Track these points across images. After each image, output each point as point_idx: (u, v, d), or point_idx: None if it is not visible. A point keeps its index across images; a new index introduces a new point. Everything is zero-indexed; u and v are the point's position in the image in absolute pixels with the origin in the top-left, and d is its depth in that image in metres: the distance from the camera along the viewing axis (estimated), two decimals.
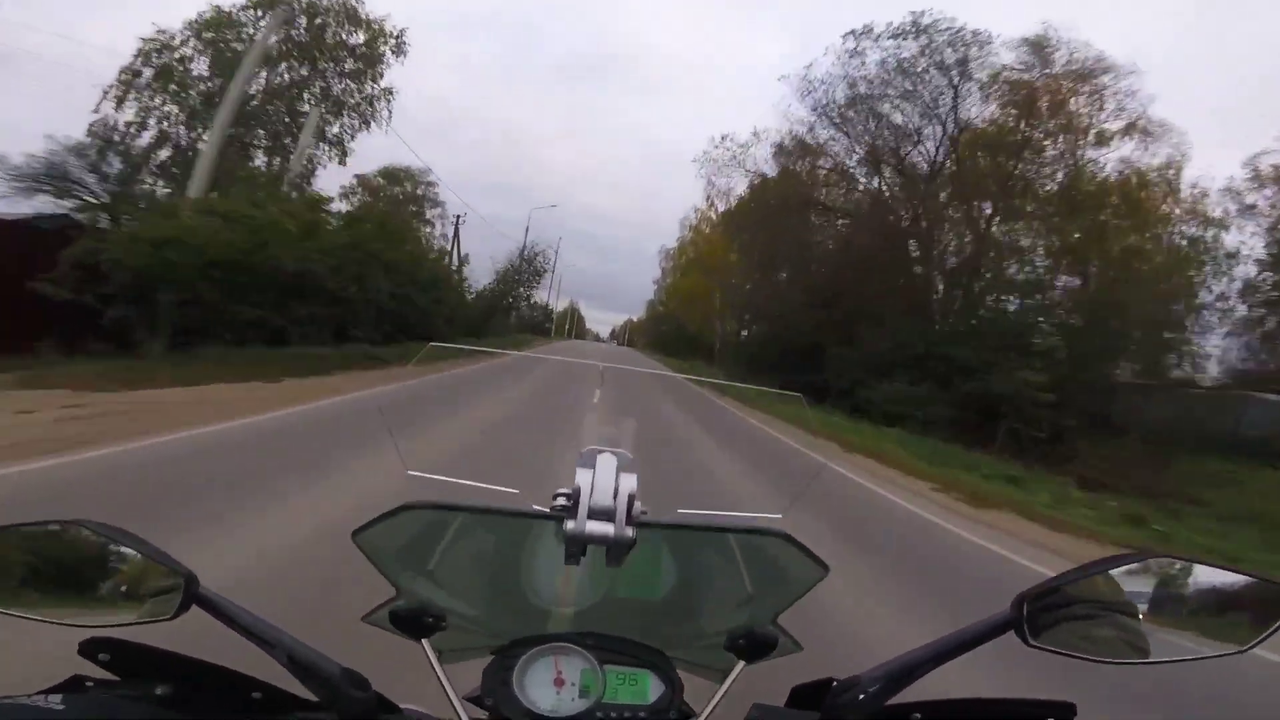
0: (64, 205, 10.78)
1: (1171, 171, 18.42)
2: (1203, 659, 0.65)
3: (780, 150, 24.18)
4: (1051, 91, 18.66)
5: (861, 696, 0.65)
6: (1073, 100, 18.67)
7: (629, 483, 0.64)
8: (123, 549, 0.61)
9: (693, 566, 0.77)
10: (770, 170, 25.18)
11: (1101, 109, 18.54)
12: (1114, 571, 0.63)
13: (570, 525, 0.62)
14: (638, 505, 0.64)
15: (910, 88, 20.64)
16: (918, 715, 0.68)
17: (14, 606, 0.60)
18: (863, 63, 20.91)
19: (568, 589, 0.76)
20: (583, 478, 0.64)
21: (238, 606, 0.64)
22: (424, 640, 0.73)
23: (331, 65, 19.11)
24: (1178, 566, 0.65)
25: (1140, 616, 0.63)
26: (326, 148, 19.98)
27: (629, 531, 0.63)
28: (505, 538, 0.73)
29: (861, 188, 23.44)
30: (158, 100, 17.26)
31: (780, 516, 0.71)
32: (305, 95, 19.26)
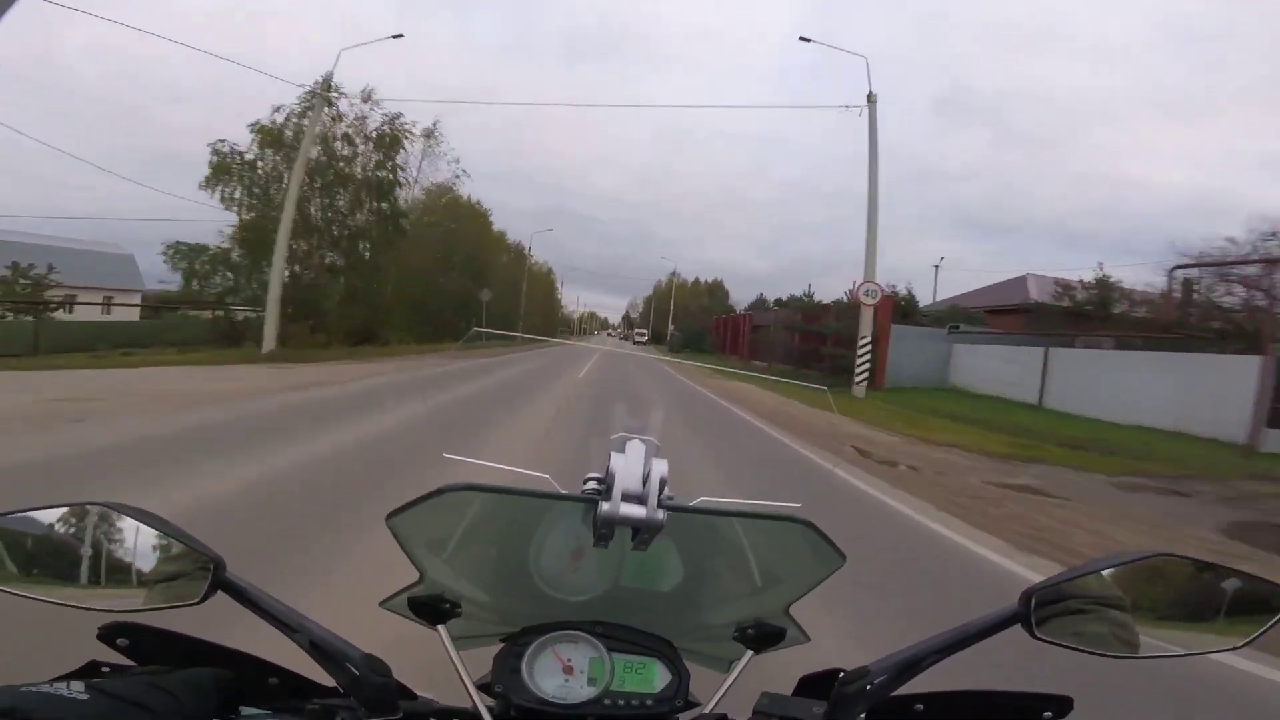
0: None
1: None
2: (1201, 654, 0.67)
3: None
4: None
5: (868, 687, 0.67)
6: None
7: (660, 467, 0.65)
8: (148, 533, 0.61)
9: (703, 559, 0.78)
10: None
11: None
12: (1119, 568, 0.65)
13: (605, 507, 0.63)
14: (666, 490, 0.65)
15: None
16: (920, 706, 0.69)
17: (38, 590, 0.59)
18: None
19: (579, 578, 0.77)
20: (616, 462, 0.65)
21: (262, 592, 0.64)
22: (440, 626, 0.74)
23: None
24: (1180, 565, 0.66)
25: (1143, 613, 0.65)
26: None
27: (660, 514, 0.64)
28: (528, 524, 0.74)
29: None
30: None
31: (799, 506, 0.72)
32: None
